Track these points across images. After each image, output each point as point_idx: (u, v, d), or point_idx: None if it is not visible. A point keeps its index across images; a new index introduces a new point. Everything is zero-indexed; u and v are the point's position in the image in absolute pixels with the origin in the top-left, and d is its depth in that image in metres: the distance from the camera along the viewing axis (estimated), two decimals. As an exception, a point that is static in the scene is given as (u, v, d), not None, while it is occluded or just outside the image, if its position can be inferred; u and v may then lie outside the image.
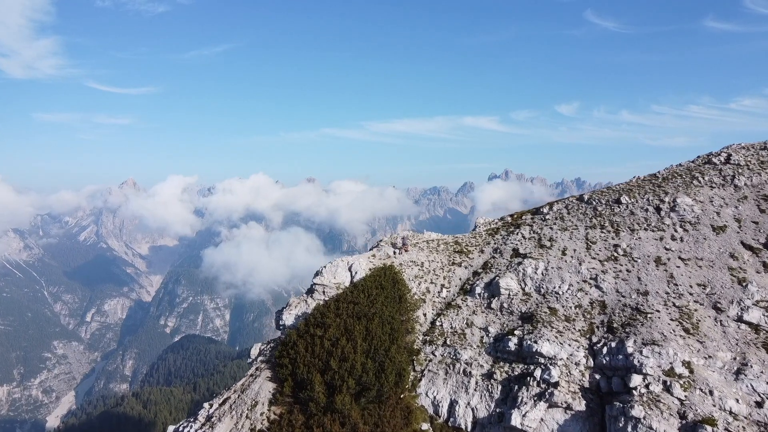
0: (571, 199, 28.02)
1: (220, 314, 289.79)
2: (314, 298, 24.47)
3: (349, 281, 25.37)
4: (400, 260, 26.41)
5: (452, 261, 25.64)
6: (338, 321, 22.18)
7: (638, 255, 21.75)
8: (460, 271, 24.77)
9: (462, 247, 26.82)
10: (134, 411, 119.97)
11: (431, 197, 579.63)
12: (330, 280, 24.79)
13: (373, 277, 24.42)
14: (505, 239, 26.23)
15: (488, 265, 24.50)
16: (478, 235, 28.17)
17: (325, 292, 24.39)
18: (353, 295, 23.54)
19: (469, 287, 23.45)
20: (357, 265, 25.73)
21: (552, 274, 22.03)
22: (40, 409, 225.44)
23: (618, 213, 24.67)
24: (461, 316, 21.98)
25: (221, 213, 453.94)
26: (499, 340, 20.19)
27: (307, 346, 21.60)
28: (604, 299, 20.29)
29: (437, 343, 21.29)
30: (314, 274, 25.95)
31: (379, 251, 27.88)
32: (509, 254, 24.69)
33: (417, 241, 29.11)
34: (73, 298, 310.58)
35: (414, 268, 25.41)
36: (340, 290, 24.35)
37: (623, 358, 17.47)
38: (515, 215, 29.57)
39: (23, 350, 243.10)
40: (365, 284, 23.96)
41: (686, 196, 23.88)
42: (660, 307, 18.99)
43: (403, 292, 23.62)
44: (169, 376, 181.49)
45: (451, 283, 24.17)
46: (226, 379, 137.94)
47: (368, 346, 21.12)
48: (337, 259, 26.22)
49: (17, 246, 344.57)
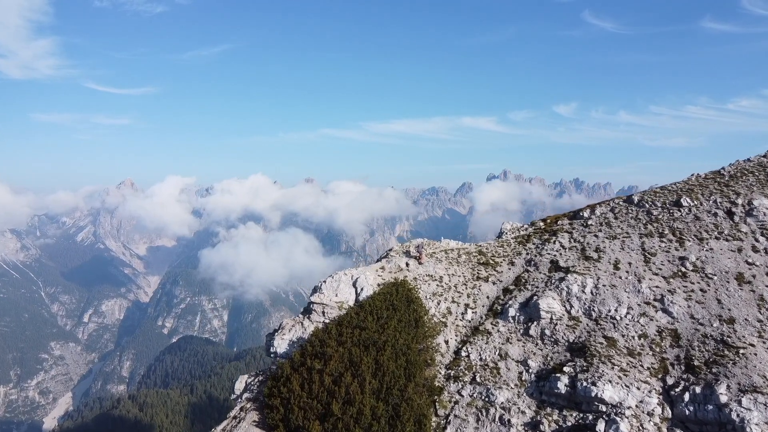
0: (617, 201, 23.88)
1: (218, 315, 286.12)
2: (312, 319, 20.39)
3: (354, 299, 21.44)
4: (414, 274, 22.49)
5: (477, 275, 21.66)
6: (341, 351, 18.14)
7: (713, 271, 17.65)
8: (488, 287, 20.74)
9: (488, 258, 22.76)
10: (130, 414, 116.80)
11: (430, 198, 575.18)
12: (331, 298, 20.73)
13: (382, 294, 20.54)
14: (539, 249, 22.21)
15: (521, 280, 20.44)
16: (505, 243, 24.10)
17: (325, 312, 20.35)
18: (359, 317, 19.51)
19: (500, 308, 19.37)
20: (363, 279, 21.69)
21: (604, 293, 17.92)
22: (37, 411, 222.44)
23: (679, 218, 20.55)
24: (492, 345, 17.89)
25: (219, 213, 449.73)
26: (544, 378, 16.09)
27: (303, 383, 17.59)
28: (675, 327, 16.20)
29: (464, 379, 17.19)
30: (312, 291, 21.85)
31: (389, 262, 23.89)
32: (547, 267, 20.61)
33: (434, 251, 25.02)
34: (70, 298, 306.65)
35: (431, 284, 21.38)
36: (343, 311, 20.48)
37: (715, 409, 13.38)
38: (548, 220, 25.53)
39: (20, 351, 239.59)
40: (374, 304, 20.02)
41: (764, 198, 19.75)
42: (754, 339, 14.89)
43: (419, 313, 19.62)
44: (167, 378, 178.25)
45: (477, 303, 20.15)
46: (224, 381, 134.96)
47: (379, 385, 17.08)
48: (339, 273, 22.23)
49: (14, 246, 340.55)
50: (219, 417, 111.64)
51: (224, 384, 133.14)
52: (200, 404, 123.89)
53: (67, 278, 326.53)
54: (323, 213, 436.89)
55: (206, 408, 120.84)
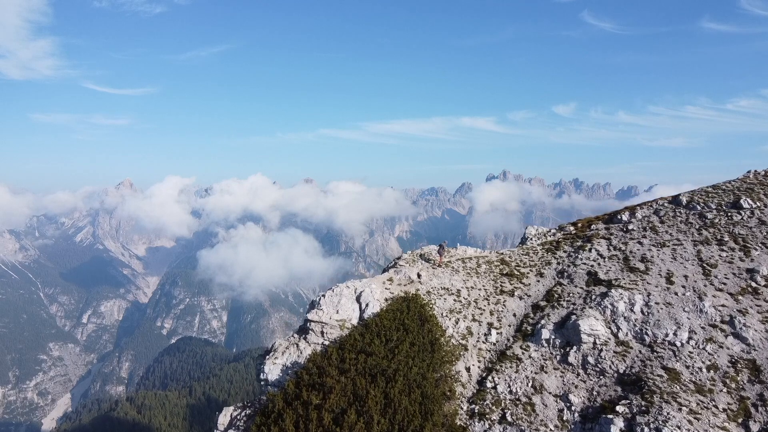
0: (662, 203, 20.87)
1: (217, 316, 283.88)
2: (309, 341, 17.48)
3: (358, 317, 18.53)
4: (427, 286, 19.51)
5: (500, 288, 18.79)
6: (344, 382, 15.24)
7: (791, 286, 14.71)
8: (513, 302, 17.88)
9: (512, 268, 19.87)
10: (128, 416, 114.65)
11: (429, 198, 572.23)
12: (331, 315, 17.81)
13: (392, 312, 17.65)
14: (572, 258, 19.32)
15: (554, 295, 17.49)
16: (531, 251, 21.13)
17: (324, 332, 17.45)
18: (365, 339, 16.58)
19: (531, 328, 16.42)
20: (368, 293, 18.76)
21: (658, 313, 14.98)
22: (35, 412, 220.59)
23: (740, 222, 17.57)
24: (524, 375, 14.96)
25: (218, 214, 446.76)
26: (591, 420, 13.16)
27: (297, 420, 14.75)
28: (753, 357, 13.27)
29: (491, 417, 14.26)
30: (308, 306, 18.89)
31: (398, 273, 20.91)
32: (583, 280, 17.66)
33: (449, 259, 22.05)
34: (69, 299, 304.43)
35: (448, 299, 18.49)
36: (346, 331, 17.61)
37: (822, 469, 10.48)
38: (579, 224, 22.57)
39: (19, 352, 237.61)
40: (381, 323, 17.14)
41: (843, 197, 16.86)
42: None
43: (435, 334, 16.69)
44: (165, 379, 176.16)
45: (503, 321, 17.27)
46: (222, 383, 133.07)
47: (389, 425, 14.18)
48: (340, 286, 19.26)
49: (13, 247, 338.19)
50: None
51: (223, 385, 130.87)
52: (199, 406, 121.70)
53: (65, 279, 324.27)
54: (322, 213, 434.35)
55: (204, 410, 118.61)
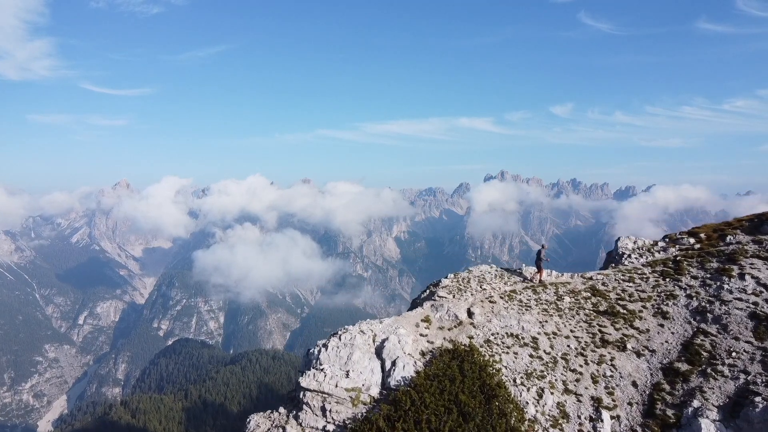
0: None
1: (215, 317, 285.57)
2: (302, 422, 11.64)
3: (380, 384, 12.30)
4: (484, 331, 13.89)
5: (601, 335, 13.24)
6: None
7: None
8: (629, 362, 12.38)
9: (612, 302, 14.04)
10: (122, 420, 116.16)
11: (427, 198, 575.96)
12: (337, 381, 11.89)
13: (436, 378, 11.64)
14: (710, 288, 13.80)
15: (699, 352, 11.99)
16: (635, 274, 15.05)
17: (327, 410, 11.64)
18: (395, 428, 10.50)
19: (672, 413, 10.90)
20: (395, 345, 12.56)
21: None
22: (31, 414, 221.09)
23: None
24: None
25: (216, 214, 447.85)
26: None
27: None
28: None
29: None
30: (302, 363, 12.90)
31: (438, 310, 14.82)
32: (746, 327, 12.40)
33: (513, 288, 15.74)
34: (65, 300, 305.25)
35: (521, 353, 12.82)
36: (362, 407, 11.75)
37: None
38: (703, 234, 16.14)
39: (14, 354, 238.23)
40: (421, 400, 11.03)
41: None
42: None
43: (510, 419, 10.91)
44: (161, 382, 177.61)
45: (617, 395, 11.82)
46: (219, 386, 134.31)
47: None
48: (350, 330, 13.28)
49: (8, 248, 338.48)
50: (213, 423, 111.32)
51: (219, 388, 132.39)
52: (194, 409, 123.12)
53: (61, 280, 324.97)
54: (320, 214, 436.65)
55: (200, 414, 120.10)
